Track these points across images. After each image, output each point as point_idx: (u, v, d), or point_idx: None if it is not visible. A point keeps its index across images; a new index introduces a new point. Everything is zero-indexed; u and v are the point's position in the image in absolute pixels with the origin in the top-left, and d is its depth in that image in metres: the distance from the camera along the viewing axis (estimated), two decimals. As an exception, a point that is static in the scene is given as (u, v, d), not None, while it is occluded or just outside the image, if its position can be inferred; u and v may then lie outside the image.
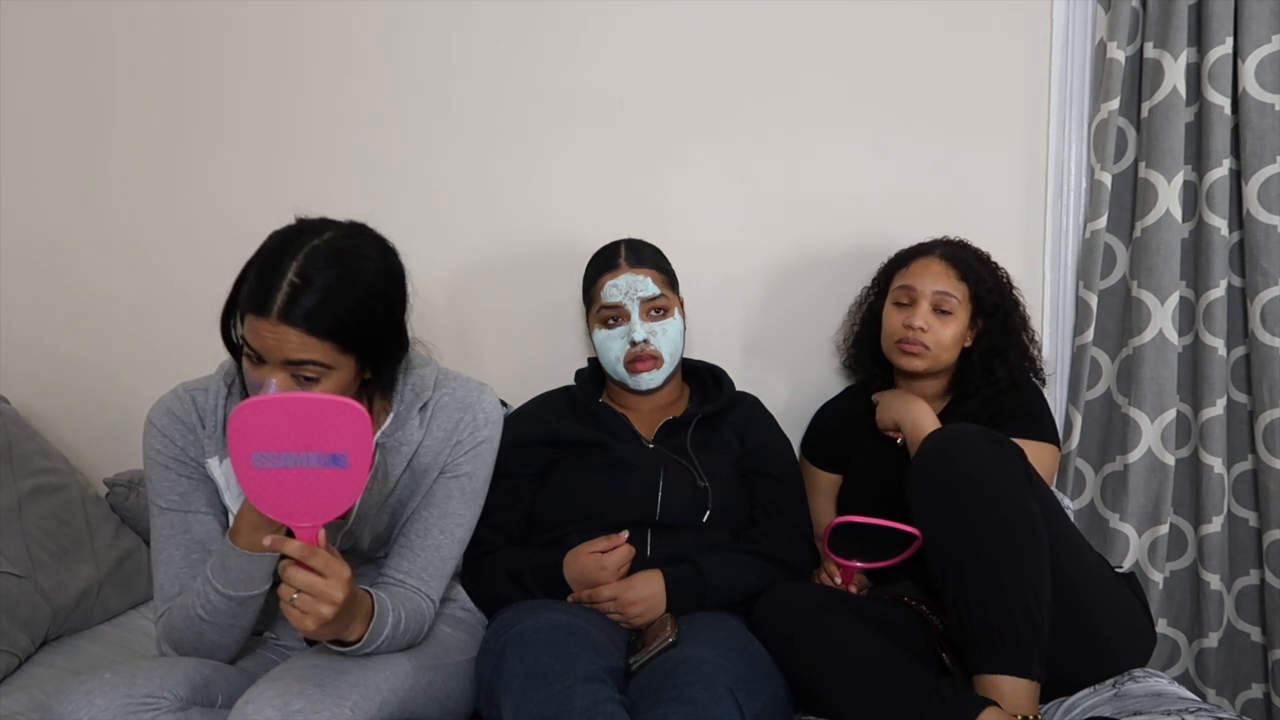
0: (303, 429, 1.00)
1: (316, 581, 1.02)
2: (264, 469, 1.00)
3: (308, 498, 1.02)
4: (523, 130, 1.88)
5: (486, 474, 1.37)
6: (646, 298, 1.56)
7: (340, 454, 1.01)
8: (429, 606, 1.26)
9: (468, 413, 1.33)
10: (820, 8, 1.84)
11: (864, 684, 1.24)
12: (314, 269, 1.10)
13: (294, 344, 1.09)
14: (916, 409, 1.53)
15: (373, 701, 1.08)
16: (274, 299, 1.08)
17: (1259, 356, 1.77)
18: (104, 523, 1.72)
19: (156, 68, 1.90)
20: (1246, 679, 1.89)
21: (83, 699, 1.05)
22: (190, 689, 1.12)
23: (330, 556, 1.03)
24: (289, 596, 1.02)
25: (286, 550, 1.01)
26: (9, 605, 1.45)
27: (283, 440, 1.00)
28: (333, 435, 1.00)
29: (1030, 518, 1.26)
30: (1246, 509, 1.86)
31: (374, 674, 1.12)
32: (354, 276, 1.13)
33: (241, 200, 1.89)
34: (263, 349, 1.10)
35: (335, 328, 1.11)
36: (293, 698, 1.03)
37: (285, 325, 1.08)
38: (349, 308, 1.11)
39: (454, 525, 1.32)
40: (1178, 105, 1.76)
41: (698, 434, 1.59)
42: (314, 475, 1.01)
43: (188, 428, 1.26)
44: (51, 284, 1.95)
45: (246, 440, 1.00)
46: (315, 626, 1.02)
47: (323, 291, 1.09)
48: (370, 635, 1.13)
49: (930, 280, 1.61)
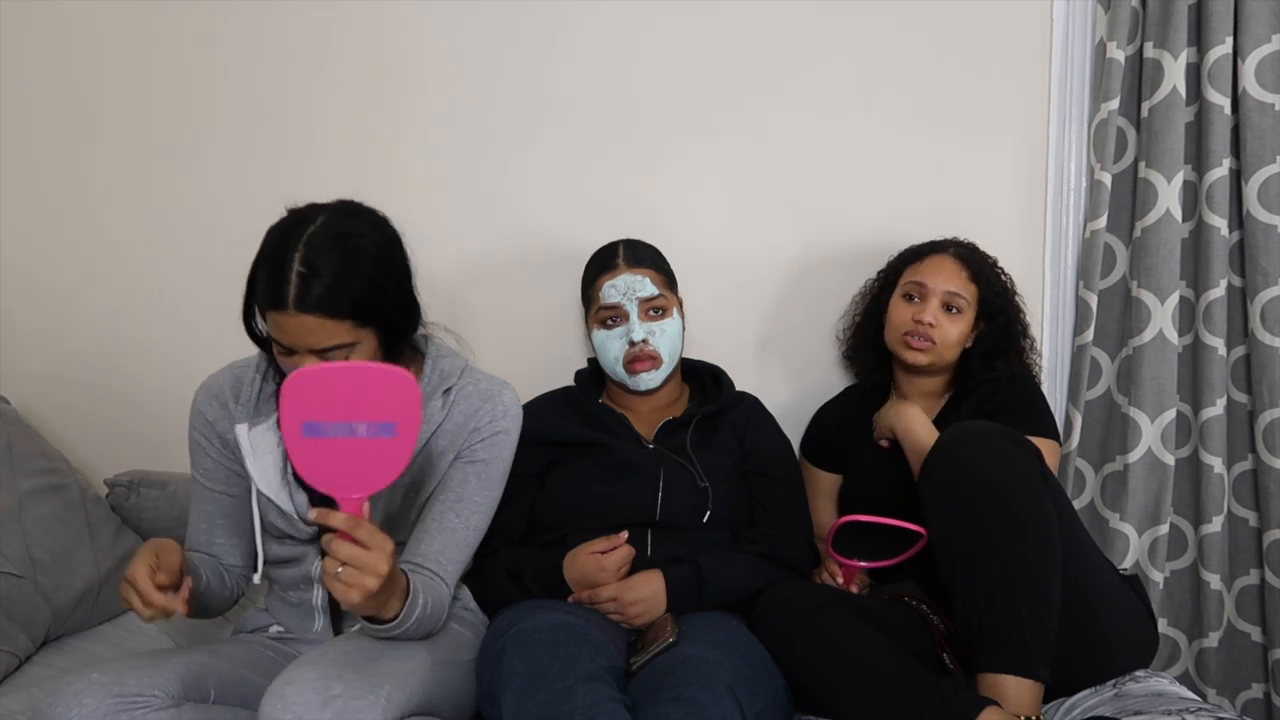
0: (354, 397, 1.03)
1: (361, 554, 1.03)
2: (314, 439, 1.03)
3: (355, 469, 1.04)
4: (522, 130, 1.88)
5: (503, 467, 1.39)
6: (645, 298, 1.56)
7: (389, 423, 1.04)
8: (446, 592, 1.28)
9: (488, 403, 1.37)
10: (820, 8, 1.84)
11: (864, 684, 1.24)
12: (317, 256, 1.15)
13: (315, 331, 1.15)
14: (910, 416, 1.53)
15: (404, 691, 1.11)
16: (287, 293, 1.14)
17: (1259, 356, 1.77)
18: (104, 523, 1.72)
19: (155, 68, 1.90)
20: (1247, 679, 1.89)
21: (72, 699, 1.06)
22: (182, 686, 1.13)
23: (374, 529, 1.05)
24: (334, 570, 1.03)
25: (332, 523, 1.03)
26: (9, 605, 1.46)
27: (334, 409, 1.03)
28: (383, 404, 1.03)
29: (1044, 518, 1.26)
30: (1246, 509, 1.86)
31: (402, 665, 1.15)
32: (356, 255, 1.18)
33: (241, 201, 1.88)
34: (290, 341, 1.17)
35: (349, 307, 1.16)
36: (332, 681, 1.05)
37: (303, 314, 1.14)
38: (358, 285, 1.16)
39: (470, 511, 1.33)
40: (1178, 105, 1.76)
41: (697, 434, 1.59)
42: (362, 446, 1.03)
43: (221, 404, 1.34)
44: (51, 284, 1.95)
45: (299, 410, 1.03)
46: (360, 599, 1.04)
47: (330, 276, 1.15)
48: (405, 613, 1.16)
49: (944, 278, 1.61)
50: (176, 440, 1.42)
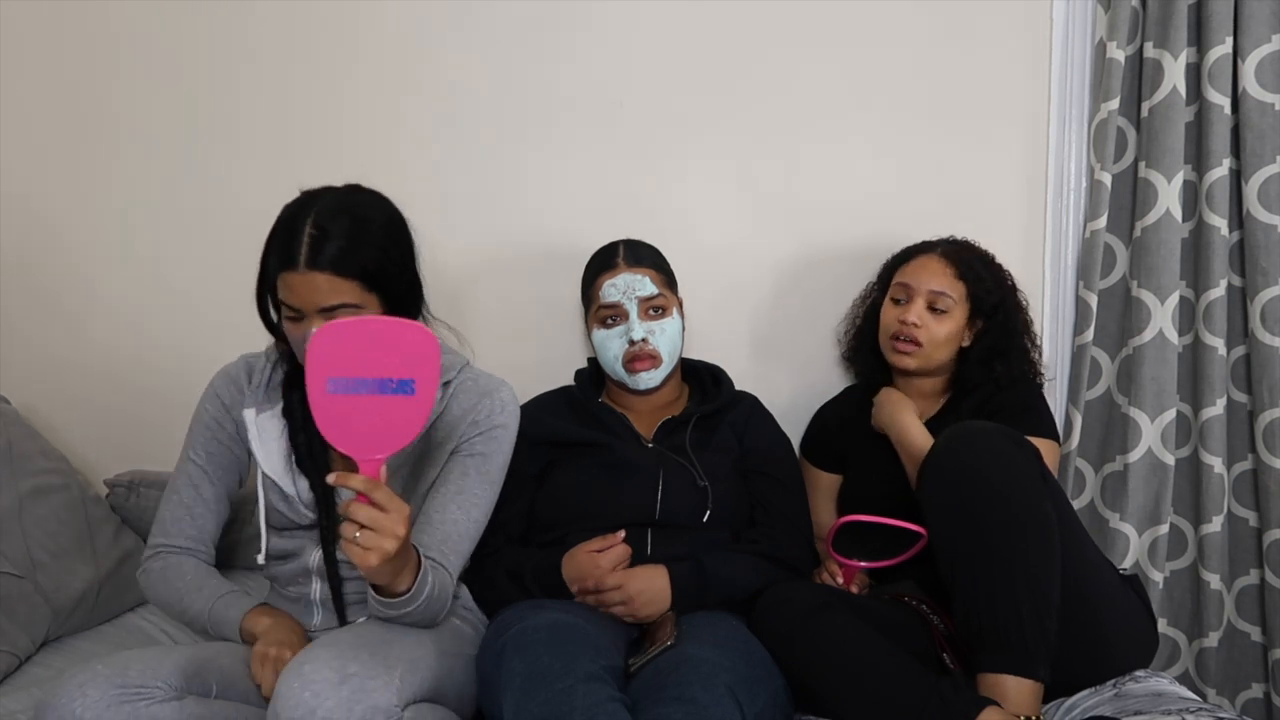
0: (379, 351, 1.05)
1: (380, 517, 1.04)
2: (338, 395, 1.05)
3: (376, 428, 1.05)
4: (523, 130, 1.88)
5: (503, 461, 1.40)
6: (644, 297, 1.56)
7: (409, 380, 1.05)
8: (450, 580, 1.29)
9: (487, 398, 1.39)
10: (821, 8, 1.84)
11: (864, 683, 1.24)
12: (328, 221, 1.21)
13: (324, 288, 1.19)
14: (904, 418, 1.53)
15: (415, 675, 1.13)
16: (299, 252, 1.19)
17: (1259, 356, 1.77)
18: (104, 523, 1.72)
19: (156, 68, 1.90)
20: (1246, 679, 1.89)
21: (76, 690, 1.06)
22: (184, 679, 1.13)
23: (392, 493, 1.06)
24: (352, 534, 1.04)
25: (351, 485, 1.04)
26: (9, 605, 1.46)
27: (359, 364, 1.05)
28: (405, 359, 1.05)
29: (1044, 519, 1.26)
30: (1246, 509, 1.86)
31: (414, 650, 1.17)
32: (365, 222, 1.24)
33: (242, 201, 1.89)
34: (298, 301, 1.20)
35: (358, 268, 1.21)
36: (348, 661, 1.07)
37: (313, 272, 1.19)
38: (367, 251, 1.22)
39: (470, 503, 1.34)
40: (1178, 105, 1.76)
41: (697, 433, 1.59)
42: (383, 404, 1.05)
43: (238, 388, 1.38)
44: (51, 284, 1.95)
45: (325, 364, 1.05)
46: (378, 562, 1.05)
47: (341, 238, 1.20)
48: (416, 588, 1.17)
49: (926, 278, 1.61)
50: (176, 441, 1.42)
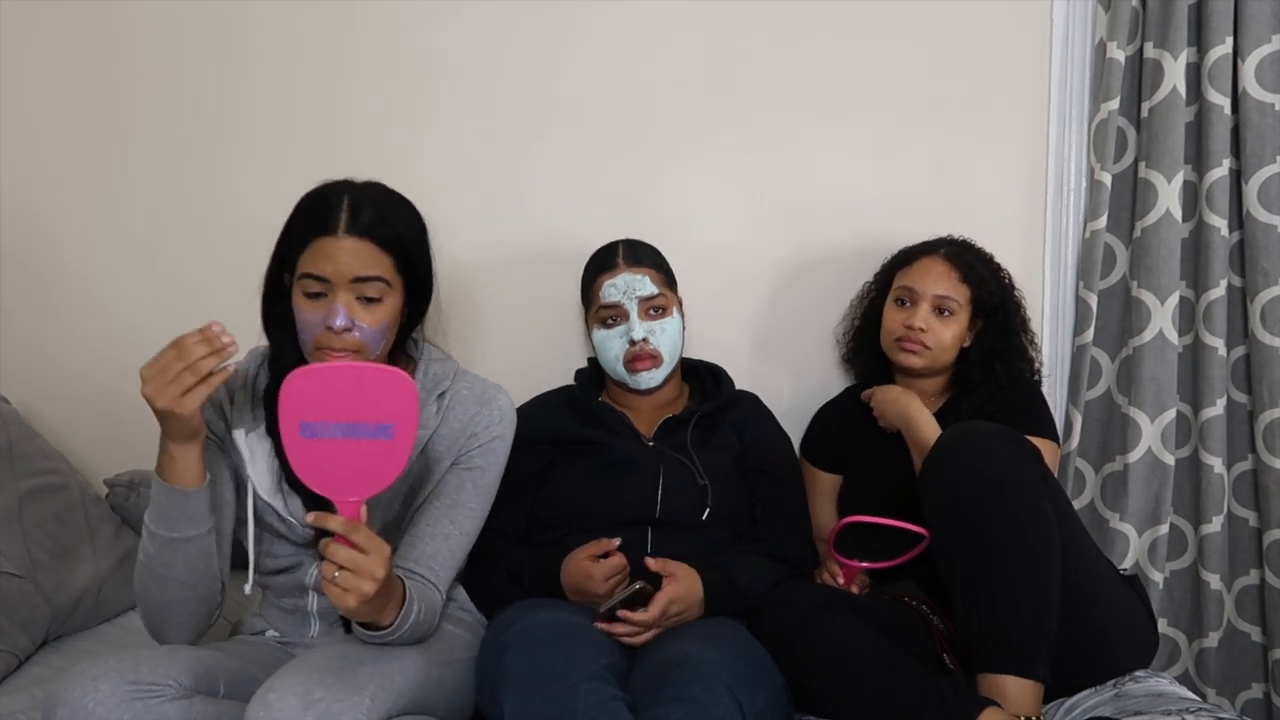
0: (352, 398, 1.04)
1: (359, 558, 1.03)
2: (312, 439, 1.03)
3: (353, 471, 1.04)
4: (522, 130, 1.88)
5: (498, 472, 1.39)
6: (645, 297, 1.56)
7: (387, 425, 1.04)
8: (439, 598, 1.28)
9: (484, 407, 1.37)
10: (820, 8, 1.84)
11: (864, 683, 1.24)
12: (362, 197, 1.22)
13: (361, 255, 1.19)
14: (915, 410, 1.53)
15: (390, 692, 1.10)
16: (338, 217, 1.19)
17: (1259, 356, 1.77)
18: (104, 523, 1.72)
19: (156, 69, 1.90)
20: (1246, 679, 1.89)
21: (88, 684, 1.06)
22: (194, 678, 1.13)
23: (371, 534, 1.05)
24: (331, 574, 1.03)
25: (329, 525, 1.03)
26: (9, 605, 1.46)
27: (332, 410, 1.03)
28: (381, 406, 1.04)
29: (1044, 519, 1.26)
30: (1246, 509, 1.86)
31: (389, 665, 1.14)
32: (396, 205, 1.27)
33: (241, 201, 1.89)
34: (331, 270, 1.18)
35: (395, 242, 1.22)
36: (314, 686, 1.05)
37: (352, 237, 1.19)
38: (400, 227, 1.24)
39: (463, 517, 1.33)
40: (1178, 105, 1.76)
41: (697, 432, 1.59)
42: (360, 447, 1.04)
43: (213, 404, 1.29)
44: (51, 284, 1.95)
45: (297, 409, 1.03)
46: (357, 604, 1.04)
47: (377, 212, 1.22)
48: (400, 620, 1.15)
49: (932, 282, 1.61)
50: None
